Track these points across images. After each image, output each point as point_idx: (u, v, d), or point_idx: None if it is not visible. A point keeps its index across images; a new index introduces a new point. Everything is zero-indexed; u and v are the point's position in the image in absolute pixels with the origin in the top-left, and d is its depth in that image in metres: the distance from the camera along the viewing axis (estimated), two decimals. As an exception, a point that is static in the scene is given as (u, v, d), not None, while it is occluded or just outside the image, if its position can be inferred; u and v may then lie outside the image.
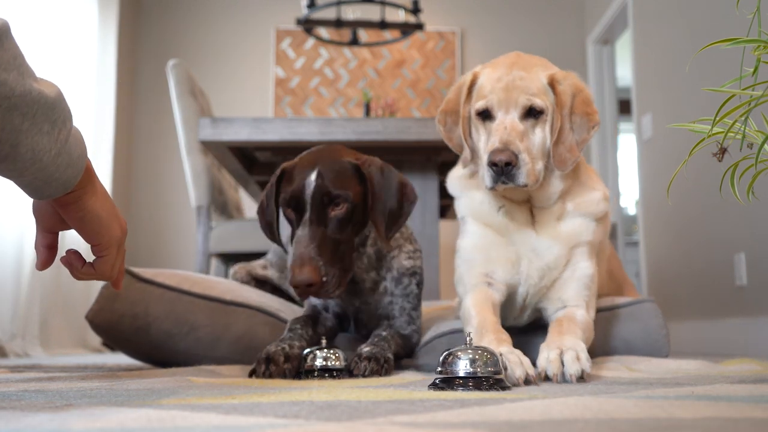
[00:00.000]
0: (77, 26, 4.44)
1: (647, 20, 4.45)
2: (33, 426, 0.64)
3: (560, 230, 1.52)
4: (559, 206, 1.53)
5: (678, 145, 3.86)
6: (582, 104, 1.48)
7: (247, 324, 1.69)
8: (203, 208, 3.17)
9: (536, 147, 1.45)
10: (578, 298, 1.51)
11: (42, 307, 3.81)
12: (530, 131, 1.45)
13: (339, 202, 1.40)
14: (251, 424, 0.64)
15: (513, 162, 1.39)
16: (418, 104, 5.81)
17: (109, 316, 1.67)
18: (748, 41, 0.96)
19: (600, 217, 1.57)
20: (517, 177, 1.40)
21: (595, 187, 1.59)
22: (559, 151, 1.46)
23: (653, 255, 4.33)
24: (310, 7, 4.20)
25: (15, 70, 0.78)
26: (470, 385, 1.03)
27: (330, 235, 1.39)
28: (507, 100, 1.45)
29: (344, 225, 1.41)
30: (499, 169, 1.39)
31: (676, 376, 1.31)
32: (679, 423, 0.64)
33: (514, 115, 1.45)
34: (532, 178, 1.41)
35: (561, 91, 1.48)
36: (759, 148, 0.93)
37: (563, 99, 1.47)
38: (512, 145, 1.40)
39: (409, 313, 1.60)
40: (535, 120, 1.46)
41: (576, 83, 1.50)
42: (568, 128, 1.47)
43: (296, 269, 1.33)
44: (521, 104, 1.44)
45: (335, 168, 1.42)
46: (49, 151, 0.83)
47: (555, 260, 1.51)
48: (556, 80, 1.48)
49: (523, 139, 1.43)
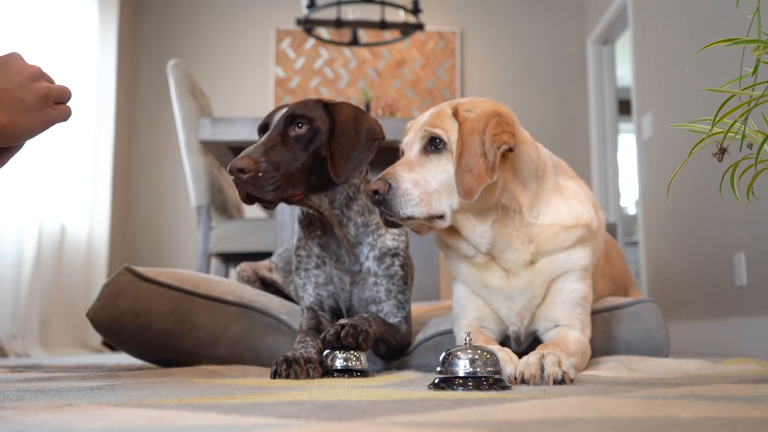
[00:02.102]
0: (77, 26, 4.44)
1: (647, 20, 4.45)
2: (33, 426, 0.65)
3: (534, 273, 1.45)
4: (524, 251, 1.43)
5: (678, 145, 3.86)
6: (493, 126, 1.36)
7: (247, 325, 1.69)
8: (203, 208, 3.17)
9: (437, 180, 1.36)
10: (570, 317, 1.45)
11: (42, 307, 3.81)
12: (432, 165, 1.38)
13: (301, 124, 1.47)
14: (251, 424, 0.64)
15: (381, 189, 1.32)
16: (418, 104, 5.81)
17: (111, 313, 1.67)
18: (748, 41, 0.96)
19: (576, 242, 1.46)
20: (395, 207, 1.32)
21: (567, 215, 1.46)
22: (464, 179, 1.33)
23: (653, 255, 4.33)
24: (310, 7, 4.20)
25: None
26: (470, 384, 1.03)
27: (284, 149, 1.44)
28: (413, 138, 1.42)
29: (302, 147, 1.46)
30: (373, 200, 1.34)
31: (676, 376, 1.31)
32: (679, 423, 0.64)
33: (415, 149, 1.40)
34: (420, 209, 1.33)
35: (465, 117, 1.38)
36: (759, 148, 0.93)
37: (470, 125, 1.36)
38: (388, 175, 1.34)
39: (396, 297, 1.59)
40: (438, 154, 1.38)
41: (493, 109, 1.40)
42: (477, 154, 1.34)
43: (236, 159, 1.38)
44: (419, 137, 1.40)
45: (306, 103, 1.51)
46: None
47: (529, 301, 1.46)
48: (461, 109, 1.40)
49: (413, 171, 1.36)
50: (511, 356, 1.25)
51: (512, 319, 1.50)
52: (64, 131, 4.16)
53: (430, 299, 2.59)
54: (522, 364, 1.18)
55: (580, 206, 1.49)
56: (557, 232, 1.45)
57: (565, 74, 5.90)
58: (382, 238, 1.58)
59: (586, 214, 1.49)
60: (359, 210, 1.57)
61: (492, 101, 1.44)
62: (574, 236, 1.46)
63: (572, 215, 1.47)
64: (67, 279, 4.20)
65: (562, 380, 1.14)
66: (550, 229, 1.45)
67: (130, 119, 5.63)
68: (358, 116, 1.53)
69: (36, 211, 3.78)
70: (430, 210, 1.35)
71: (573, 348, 1.36)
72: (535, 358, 1.18)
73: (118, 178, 5.25)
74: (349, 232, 1.57)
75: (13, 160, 1.02)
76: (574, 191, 1.52)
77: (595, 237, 1.52)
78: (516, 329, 1.51)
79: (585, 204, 1.51)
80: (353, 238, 1.57)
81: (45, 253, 3.92)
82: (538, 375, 1.15)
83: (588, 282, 1.50)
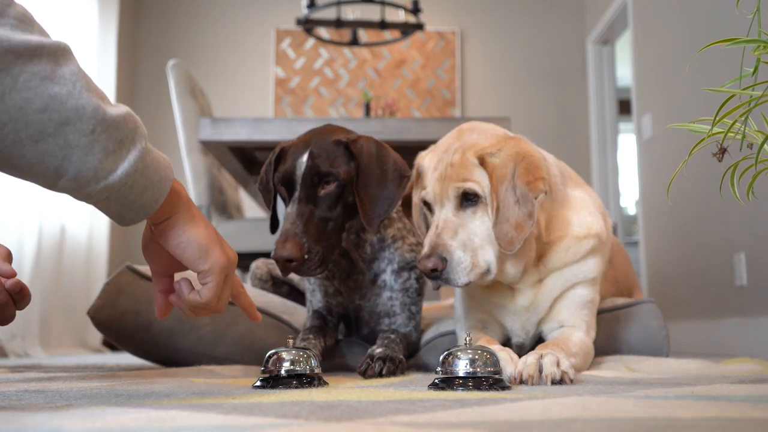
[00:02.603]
0: (77, 26, 4.44)
1: (647, 20, 4.45)
2: (33, 426, 0.65)
3: (541, 291, 1.45)
4: (533, 273, 1.43)
5: (678, 145, 3.86)
6: (524, 173, 1.33)
7: (248, 324, 1.69)
8: (203, 208, 3.17)
9: (479, 236, 1.34)
10: (575, 318, 1.45)
11: (42, 307, 3.81)
12: (470, 221, 1.35)
13: (329, 180, 1.40)
14: (251, 424, 0.64)
15: (439, 267, 1.29)
16: (418, 104, 5.81)
17: (111, 312, 1.67)
18: (748, 41, 0.96)
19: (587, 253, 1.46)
20: (453, 279, 1.30)
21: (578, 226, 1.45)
22: (504, 230, 1.31)
23: (653, 255, 4.33)
24: (310, 7, 4.20)
25: (70, 85, 0.78)
26: (470, 384, 1.03)
27: (318, 213, 1.40)
28: (441, 192, 1.37)
29: (333, 204, 1.41)
30: (430, 276, 1.31)
31: (676, 376, 1.31)
32: (678, 423, 0.64)
33: (449, 208, 1.36)
34: (474, 273, 1.31)
35: (494, 165, 1.34)
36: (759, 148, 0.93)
37: (499, 173, 1.33)
38: (439, 248, 1.31)
39: (409, 308, 1.59)
40: (474, 206, 1.35)
41: (516, 151, 1.35)
42: (513, 203, 1.32)
43: (279, 244, 1.34)
44: (453, 195, 1.35)
45: (326, 147, 1.42)
46: (114, 171, 0.82)
47: (536, 316, 1.46)
48: (487, 155, 1.35)
49: (458, 234, 1.33)
50: (512, 356, 1.25)
51: (516, 331, 1.50)
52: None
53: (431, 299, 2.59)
54: (520, 364, 1.18)
55: (590, 217, 1.48)
56: (569, 246, 1.44)
57: (565, 74, 5.90)
58: (400, 250, 1.57)
59: (597, 224, 1.48)
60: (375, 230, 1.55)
61: (512, 139, 1.40)
62: (586, 248, 1.45)
63: (583, 226, 1.46)
64: (67, 279, 4.19)
65: (561, 380, 1.14)
66: (560, 243, 1.44)
67: (130, 119, 5.63)
68: (381, 153, 1.46)
69: (36, 211, 3.78)
70: (480, 270, 1.32)
71: (575, 348, 1.35)
72: (533, 358, 1.18)
73: (118, 178, 5.25)
74: (365, 252, 1.55)
75: None
76: (583, 201, 1.51)
77: (604, 247, 1.51)
78: (520, 341, 1.51)
79: (594, 214, 1.49)
80: (369, 255, 1.56)
81: (45, 253, 3.92)
82: (536, 375, 1.14)
83: (596, 288, 1.50)
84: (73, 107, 0.77)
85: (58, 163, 0.78)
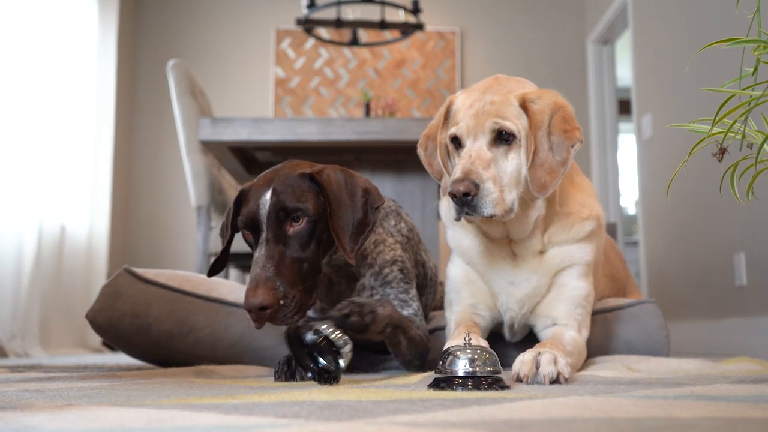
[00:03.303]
0: (77, 26, 4.44)
1: (647, 20, 4.45)
2: (33, 426, 0.65)
3: (542, 262, 1.47)
4: (538, 240, 1.46)
5: (678, 145, 3.86)
6: (560, 122, 1.37)
7: (247, 325, 1.69)
8: (203, 208, 3.17)
9: (508, 175, 1.36)
10: (568, 316, 1.46)
11: (42, 307, 3.81)
12: (501, 158, 1.36)
13: (297, 217, 1.30)
14: (251, 424, 0.64)
15: (472, 192, 1.29)
16: (418, 104, 5.81)
17: (110, 315, 1.67)
18: (748, 41, 0.96)
19: (586, 236, 1.49)
20: (480, 207, 1.31)
21: (582, 206, 1.50)
22: (537, 174, 1.35)
23: (653, 255, 4.33)
24: (310, 7, 4.20)
25: None
26: (469, 384, 1.03)
27: (290, 254, 1.28)
28: (476, 126, 1.38)
29: (306, 242, 1.30)
30: (459, 199, 1.30)
31: (676, 376, 1.31)
32: (678, 423, 0.64)
33: (483, 141, 1.37)
34: (500, 208, 1.32)
35: (534, 111, 1.38)
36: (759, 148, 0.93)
37: (538, 119, 1.37)
38: (473, 174, 1.31)
39: (397, 297, 1.51)
40: (507, 146, 1.37)
41: (554, 101, 1.40)
42: (547, 149, 1.36)
43: (250, 292, 1.21)
44: (489, 129, 1.37)
45: (290, 181, 1.32)
46: None
47: (534, 290, 1.47)
48: (528, 100, 1.39)
49: (490, 167, 1.34)
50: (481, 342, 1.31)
51: (511, 305, 1.50)
52: (64, 131, 4.16)
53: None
54: (517, 363, 1.19)
55: (590, 198, 1.53)
56: (573, 223, 1.48)
57: (565, 74, 5.90)
58: (381, 255, 1.52)
59: (597, 207, 1.53)
60: None
61: (553, 91, 1.44)
62: (588, 228, 1.49)
63: (586, 207, 1.51)
64: (67, 279, 4.19)
65: (556, 379, 1.14)
66: (567, 219, 1.48)
67: (130, 119, 5.63)
68: (349, 181, 1.38)
69: (36, 211, 3.78)
70: (505, 206, 1.34)
71: (569, 348, 1.36)
72: (530, 356, 1.18)
73: (118, 178, 5.25)
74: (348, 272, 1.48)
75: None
76: (585, 186, 1.56)
77: (601, 232, 1.55)
78: (513, 315, 1.51)
79: (592, 196, 1.55)
80: (351, 271, 1.49)
81: (45, 253, 3.92)
82: (532, 374, 1.15)
83: (590, 279, 1.51)
84: None
85: None
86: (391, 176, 2.74)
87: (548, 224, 1.47)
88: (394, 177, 2.75)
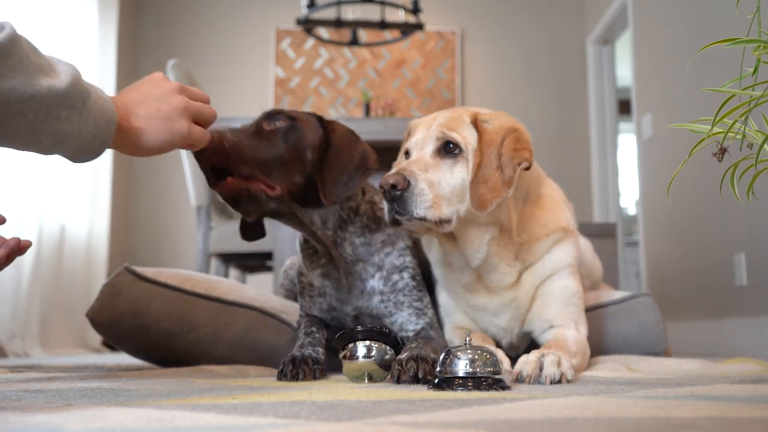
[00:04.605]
0: (77, 26, 4.44)
1: (647, 20, 4.45)
2: (33, 426, 0.65)
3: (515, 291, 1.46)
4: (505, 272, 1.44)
5: (678, 145, 3.86)
6: (512, 142, 1.36)
7: (247, 324, 1.69)
8: (203, 208, 3.17)
9: (450, 186, 1.34)
10: (563, 316, 1.46)
11: (42, 307, 3.81)
12: (447, 171, 1.35)
13: (279, 118, 1.37)
14: (251, 424, 0.64)
15: (400, 184, 1.27)
16: (418, 104, 5.80)
17: (110, 313, 1.67)
18: (748, 41, 0.96)
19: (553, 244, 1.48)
20: (410, 206, 1.28)
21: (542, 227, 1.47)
22: (480, 191, 1.32)
23: (653, 255, 4.33)
24: (310, 7, 4.20)
25: (23, 74, 0.86)
26: (470, 384, 1.03)
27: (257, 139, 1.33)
28: (425, 137, 1.38)
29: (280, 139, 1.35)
30: (389, 194, 1.28)
31: (675, 376, 1.31)
32: (678, 423, 0.64)
33: (428, 149, 1.37)
34: (434, 212, 1.29)
35: (486, 129, 1.37)
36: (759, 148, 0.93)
37: (489, 137, 1.36)
38: (406, 171, 1.30)
39: (411, 305, 1.49)
40: (453, 159, 1.36)
41: (508, 123, 1.40)
42: (493, 167, 1.33)
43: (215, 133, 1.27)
44: (434, 137, 1.37)
45: (293, 110, 1.41)
46: (71, 132, 0.93)
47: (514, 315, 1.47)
48: (481, 120, 1.39)
49: (428, 171, 1.33)
50: (502, 357, 1.28)
51: (501, 334, 1.51)
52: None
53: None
54: (520, 363, 1.19)
55: (557, 211, 1.51)
56: (531, 246, 1.46)
57: (565, 74, 5.90)
58: (390, 257, 1.50)
59: (563, 218, 1.51)
60: (356, 231, 1.48)
61: (508, 115, 1.43)
62: (551, 241, 1.48)
63: (550, 223, 1.49)
64: (67, 279, 4.19)
65: (559, 381, 1.15)
66: (530, 243, 1.46)
67: (130, 119, 5.63)
68: (353, 139, 1.43)
69: (36, 211, 3.78)
70: (441, 214, 1.31)
71: (574, 348, 1.36)
72: (534, 357, 1.18)
73: (118, 178, 5.25)
74: (345, 251, 1.47)
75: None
76: (551, 198, 1.53)
77: (572, 235, 1.54)
78: (508, 340, 1.52)
79: (561, 208, 1.53)
80: (351, 256, 1.48)
81: (45, 253, 3.92)
82: (535, 375, 1.15)
83: (576, 277, 1.51)
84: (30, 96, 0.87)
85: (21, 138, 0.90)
86: (391, 176, 2.74)
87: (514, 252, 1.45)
88: (394, 177, 2.74)
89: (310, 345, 1.41)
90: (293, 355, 1.34)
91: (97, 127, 0.97)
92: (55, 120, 0.91)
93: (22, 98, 0.86)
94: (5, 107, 0.85)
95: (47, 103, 0.89)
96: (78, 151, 0.97)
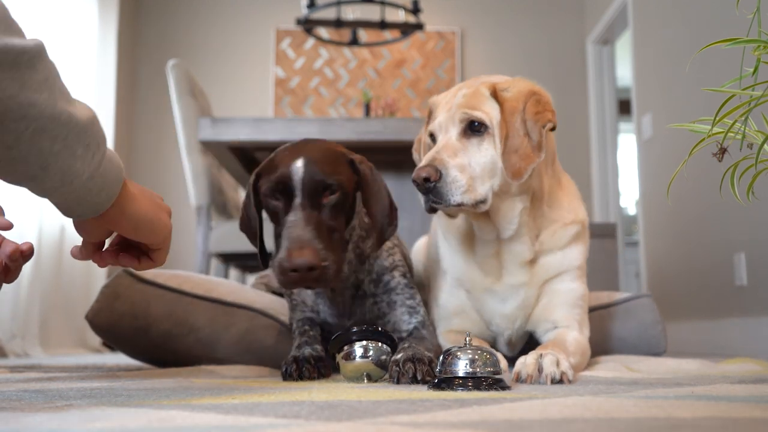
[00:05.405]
0: (77, 26, 4.44)
1: (647, 20, 4.45)
2: (33, 426, 0.65)
3: (532, 273, 1.46)
4: (527, 245, 1.44)
5: (678, 145, 3.86)
6: (533, 106, 1.36)
7: (247, 325, 1.69)
8: (203, 208, 3.17)
9: (481, 165, 1.35)
10: (568, 318, 1.46)
11: (42, 307, 3.81)
12: (474, 150, 1.35)
13: (334, 189, 1.31)
14: (251, 424, 0.64)
15: (432, 177, 1.28)
16: (418, 104, 5.80)
17: (109, 315, 1.67)
18: (748, 41, 0.96)
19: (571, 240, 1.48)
20: (446, 195, 1.29)
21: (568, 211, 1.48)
22: (511, 160, 1.33)
23: (653, 255, 4.33)
24: (310, 7, 4.20)
25: (46, 91, 0.78)
26: (470, 384, 1.03)
27: (325, 221, 1.29)
28: (447, 120, 1.38)
29: (337, 213, 1.32)
30: (422, 187, 1.30)
31: (675, 376, 1.31)
32: (678, 423, 0.64)
33: (453, 133, 1.37)
34: (469, 196, 1.31)
35: (506, 98, 1.37)
36: (759, 148, 0.93)
37: (511, 105, 1.36)
38: (436, 161, 1.30)
39: (404, 304, 1.49)
40: (480, 137, 1.36)
41: (527, 87, 1.39)
42: (521, 134, 1.34)
43: (294, 252, 1.21)
44: (458, 120, 1.37)
45: (326, 154, 1.34)
46: (81, 175, 0.84)
47: (523, 302, 1.46)
48: (499, 89, 1.38)
49: (458, 156, 1.33)
50: (500, 358, 1.28)
51: (504, 324, 1.50)
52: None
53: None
54: (519, 364, 1.19)
55: (576, 201, 1.52)
56: (556, 230, 1.46)
57: (565, 74, 5.90)
58: (378, 261, 1.50)
59: (581, 210, 1.52)
60: (353, 246, 1.47)
61: (525, 79, 1.43)
62: (571, 233, 1.48)
63: (571, 212, 1.49)
64: (67, 279, 4.19)
65: (560, 381, 1.14)
66: (552, 225, 1.46)
67: (130, 119, 5.63)
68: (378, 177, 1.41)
69: (36, 211, 3.78)
70: (476, 196, 1.32)
71: (572, 348, 1.36)
72: (533, 358, 1.18)
73: (118, 178, 5.25)
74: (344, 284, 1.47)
75: None
76: (569, 185, 1.55)
77: (586, 233, 1.54)
78: (509, 333, 1.51)
79: (579, 199, 1.54)
80: (346, 272, 1.46)
81: (45, 254, 3.92)
82: (535, 375, 1.15)
83: (583, 280, 1.51)
84: (49, 116, 0.78)
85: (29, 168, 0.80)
86: (391, 176, 2.74)
87: (539, 227, 1.45)
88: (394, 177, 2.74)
89: (307, 344, 1.41)
90: (294, 356, 1.34)
91: (105, 181, 0.88)
92: (70, 156, 0.81)
93: (41, 116, 0.77)
94: (22, 122, 0.76)
95: (65, 133, 0.80)
96: (78, 202, 0.87)
